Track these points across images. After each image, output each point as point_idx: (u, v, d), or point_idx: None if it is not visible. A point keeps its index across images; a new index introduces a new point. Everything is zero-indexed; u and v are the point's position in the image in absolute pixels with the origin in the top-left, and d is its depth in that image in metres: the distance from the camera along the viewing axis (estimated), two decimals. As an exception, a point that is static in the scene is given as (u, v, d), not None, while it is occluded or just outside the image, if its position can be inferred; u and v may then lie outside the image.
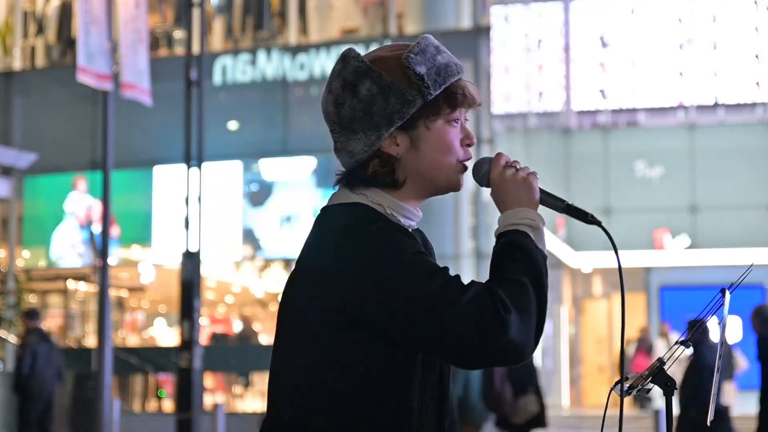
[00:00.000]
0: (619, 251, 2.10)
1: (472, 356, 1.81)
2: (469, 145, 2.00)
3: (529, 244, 1.89)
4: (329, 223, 1.94)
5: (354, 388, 1.86)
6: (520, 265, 1.85)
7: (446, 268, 1.85)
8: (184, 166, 11.43)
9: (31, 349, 11.21)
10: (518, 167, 1.98)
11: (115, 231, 16.06)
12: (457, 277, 1.84)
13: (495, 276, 1.86)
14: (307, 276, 1.91)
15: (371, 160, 1.95)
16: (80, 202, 17.51)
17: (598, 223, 2.03)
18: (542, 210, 2.03)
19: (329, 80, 2.00)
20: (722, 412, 8.85)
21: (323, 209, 2.00)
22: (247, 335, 18.18)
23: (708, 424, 2.17)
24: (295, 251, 2.86)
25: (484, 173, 2.00)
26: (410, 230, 2.00)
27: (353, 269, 1.83)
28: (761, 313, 8.46)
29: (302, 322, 1.90)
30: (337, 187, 2.01)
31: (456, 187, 2.00)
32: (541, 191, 2.00)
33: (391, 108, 1.93)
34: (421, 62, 1.94)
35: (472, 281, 1.83)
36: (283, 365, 1.94)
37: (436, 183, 1.99)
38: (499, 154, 2.00)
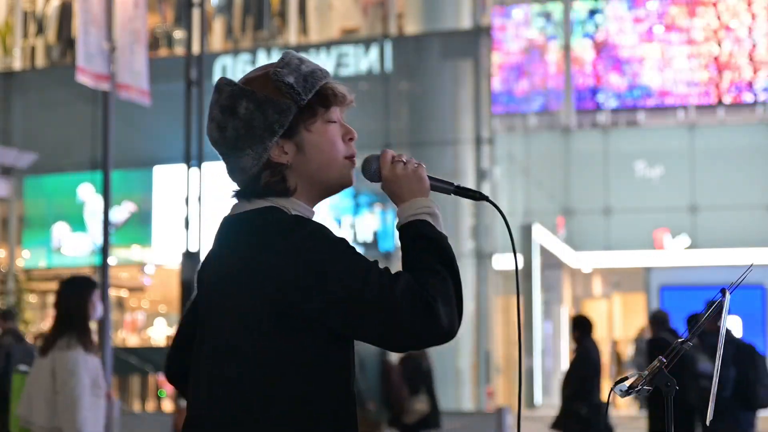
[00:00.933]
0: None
1: (410, 342, 1.95)
2: (351, 140, 2.12)
3: (432, 231, 2.03)
4: (252, 227, 2.01)
5: (299, 383, 1.95)
6: (430, 253, 1.99)
7: (376, 262, 1.97)
8: (184, 166, 11.43)
9: (5, 350, 11.19)
10: (405, 161, 2.10)
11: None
12: (387, 269, 1.96)
13: (412, 267, 1.98)
14: (238, 281, 1.98)
15: (262, 173, 2.06)
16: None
17: (486, 198, 2.16)
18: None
19: (210, 112, 2.11)
20: (600, 406, 9.00)
21: (231, 217, 2.08)
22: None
23: (707, 423, 2.17)
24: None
25: (374, 170, 2.11)
26: None
27: (295, 266, 1.93)
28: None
29: (241, 324, 1.98)
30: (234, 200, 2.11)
31: (347, 182, 2.12)
32: (430, 178, 2.12)
33: (270, 119, 2.04)
34: (288, 73, 2.06)
35: (399, 272, 1.97)
36: (219, 369, 1.99)
37: (328, 182, 2.10)
38: (384, 151, 2.12)
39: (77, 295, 5.23)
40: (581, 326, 9.33)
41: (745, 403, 8.21)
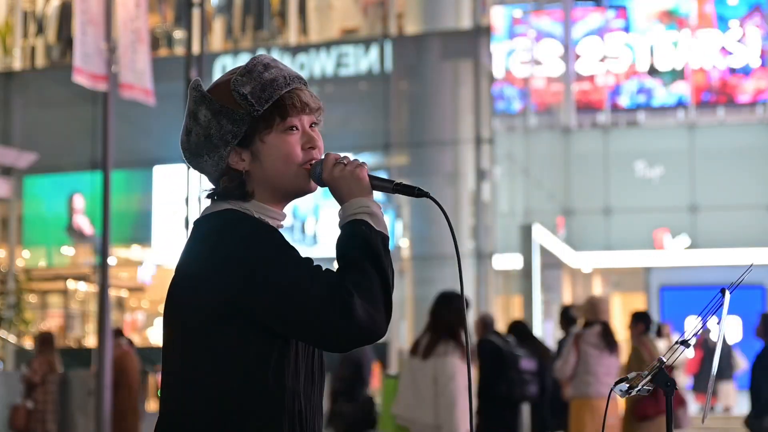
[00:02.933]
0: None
1: (330, 340, 1.97)
2: (311, 148, 2.13)
3: (365, 231, 2.03)
4: (203, 229, 2.10)
5: (234, 379, 2.00)
6: (358, 251, 2.00)
7: (309, 259, 2.01)
8: (184, 166, 11.43)
9: None
10: (346, 162, 2.10)
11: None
12: (318, 267, 2.00)
13: (340, 266, 2.01)
14: (186, 279, 2.07)
15: (221, 177, 2.13)
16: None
17: (427, 195, 2.12)
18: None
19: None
20: (368, 401, 9.14)
21: (196, 220, 2.16)
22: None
23: (702, 422, 2.18)
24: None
25: (318, 174, 2.12)
26: (279, 229, 2.16)
27: (226, 265, 1.99)
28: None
29: (183, 323, 2.06)
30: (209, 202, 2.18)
31: (304, 188, 2.15)
32: (371, 177, 2.11)
33: (224, 129, 2.09)
34: (246, 82, 2.10)
35: (327, 270, 2.00)
36: (172, 365, 2.08)
37: (283, 188, 2.14)
38: (327, 154, 2.13)
39: (454, 309, 5.83)
40: (482, 326, 9.24)
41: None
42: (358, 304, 1.93)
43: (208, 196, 2.16)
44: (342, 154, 2.13)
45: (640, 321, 8.76)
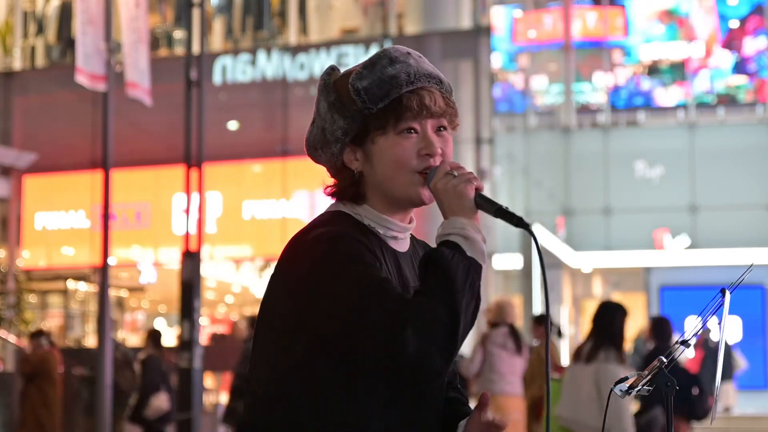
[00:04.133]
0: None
1: (382, 368, 1.83)
2: (428, 155, 1.96)
3: (448, 257, 1.85)
4: (303, 230, 1.96)
5: (304, 395, 1.89)
6: (435, 279, 1.83)
7: (384, 280, 1.85)
8: (184, 166, 11.42)
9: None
10: (456, 174, 1.94)
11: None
12: (388, 290, 1.83)
13: (416, 289, 1.87)
14: (270, 284, 1.97)
15: (338, 175, 2.01)
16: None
17: (527, 228, 1.92)
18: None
19: None
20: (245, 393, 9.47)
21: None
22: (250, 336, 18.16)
23: (710, 423, 2.18)
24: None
25: (431, 181, 1.98)
26: (393, 241, 2.02)
27: (295, 278, 1.88)
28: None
29: (263, 330, 1.97)
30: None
31: (415, 199, 1.98)
32: (477, 196, 1.95)
33: (336, 125, 1.96)
34: (366, 76, 1.94)
35: (398, 295, 1.83)
36: (252, 371, 2.00)
37: (394, 196, 1.98)
38: (442, 163, 1.97)
39: (618, 318, 6.15)
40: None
41: None
42: (408, 338, 1.77)
43: (328, 193, 2.04)
44: (458, 164, 1.96)
45: (542, 323, 9.29)
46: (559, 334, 11.30)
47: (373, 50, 16.91)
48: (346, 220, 1.97)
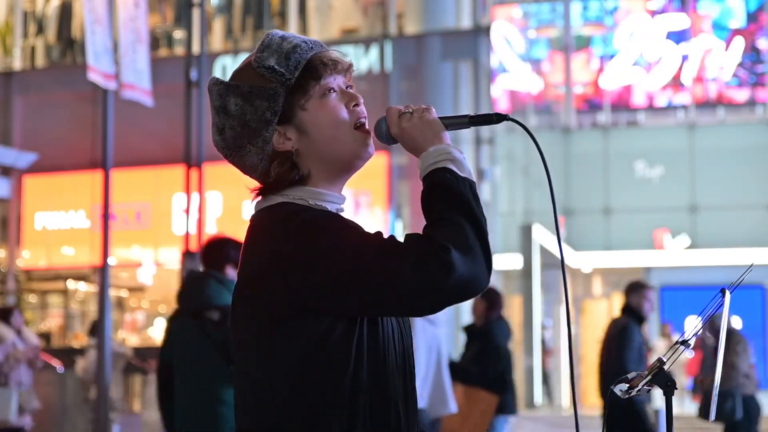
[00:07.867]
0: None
1: (428, 303, 1.82)
2: (356, 105, 2.00)
3: (449, 179, 1.88)
4: (260, 227, 1.96)
5: (305, 378, 1.86)
6: (446, 203, 1.86)
7: (379, 232, 1.87)
8: (184, 166, 11.42)
9: None
10: (411, 110, 1.97)
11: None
12: (392, 236, 1.86)
13: (428, 220, 1.87)
14: (249, 282, 1.93)
15: (270, 165, 1.98)
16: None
17: (506, 117, 1.97)
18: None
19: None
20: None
21: (251, 219, 2.02)
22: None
23: (710, 420, 2.18)
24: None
25: (385, 131, 1.99)
26: (342, 214, 2.01)
27: (292, 260, 1.84)
28: None
29: (249, 331, 1.93)
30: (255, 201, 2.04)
31: (363, 152, 1.99)
32: (442, 119, 1.97)
33: (260, 109, 1.96)
34: (269, 56, 1.97)
35: (407, 234, 1.84)
36: (242, 375, 1.96)
37: (340, 157, 1.99)
38: (389, 109, 1.98)
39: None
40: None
41: None
42: (457, 259, 1.78)
43: (258, 194, 2.02)
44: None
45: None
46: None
47: (373, 50, 16.93)
48: (299, 208, 1.94)
